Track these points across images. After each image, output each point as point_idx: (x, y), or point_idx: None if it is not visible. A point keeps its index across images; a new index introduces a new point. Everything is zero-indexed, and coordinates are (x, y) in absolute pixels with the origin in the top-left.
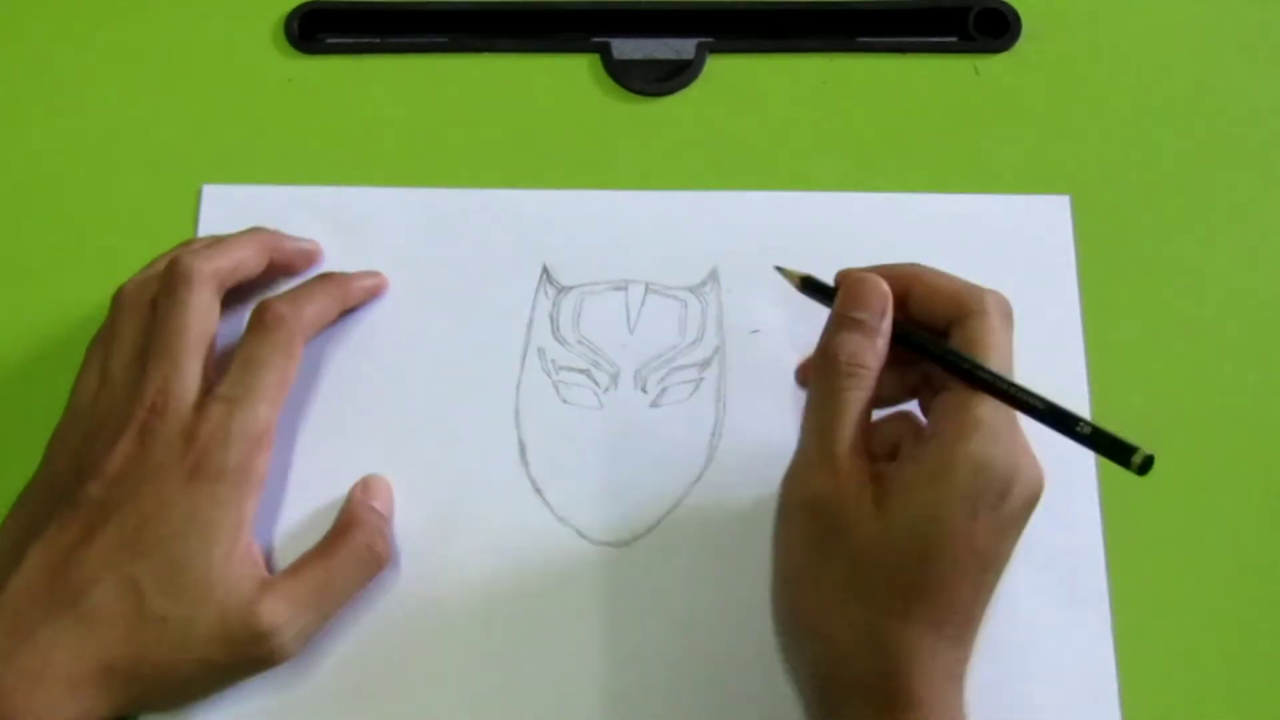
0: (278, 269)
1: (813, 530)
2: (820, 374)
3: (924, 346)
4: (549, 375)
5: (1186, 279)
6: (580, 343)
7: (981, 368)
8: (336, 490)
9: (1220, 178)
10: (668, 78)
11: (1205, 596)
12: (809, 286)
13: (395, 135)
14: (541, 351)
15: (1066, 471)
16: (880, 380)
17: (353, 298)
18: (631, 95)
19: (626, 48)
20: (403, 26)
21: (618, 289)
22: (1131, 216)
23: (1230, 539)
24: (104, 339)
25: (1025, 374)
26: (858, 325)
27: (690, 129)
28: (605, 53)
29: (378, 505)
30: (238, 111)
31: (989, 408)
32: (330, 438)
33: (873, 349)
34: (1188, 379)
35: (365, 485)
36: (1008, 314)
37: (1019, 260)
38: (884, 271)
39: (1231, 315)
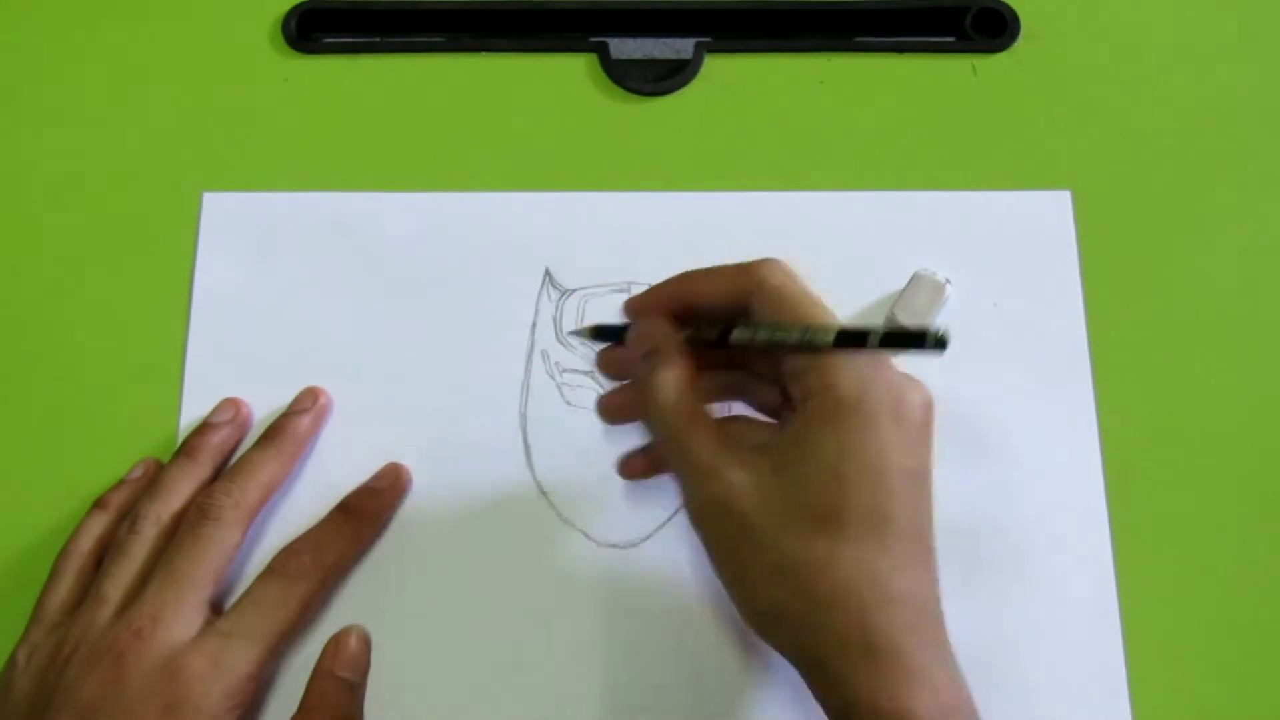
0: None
1: (730, 530)
2: (653, 415)
3: (766, 342)
4: (553, 378)
5: (1188, 272)
6: (584, 345)
7: (773, 333)
8: (343, 493)
9: (1219, 173)
10: (665, 77)
11: (1213, 589)
12: (600, 334)
13: (392, 134)
14: (545, 354)
15: (1073, 467)
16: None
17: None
18: (629, 95)
19: (624, 47)
20: (400, 26)
21: (620, 291)
22: (1132, 212)
23: (1237, 530)
24: (89, 552)
25: (1029, 368)
26: (654, 355)
27: (688, 128)
28: (603, 52)
29: (346, 672)
30: (235, 112)
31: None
32: (336, 442)
33: (674, 368)
34: (1191, 372)
35: (336, 648)
36: (784, 267)
37: (1021, 256)
38: (658, 292)
39: (1234, 308)
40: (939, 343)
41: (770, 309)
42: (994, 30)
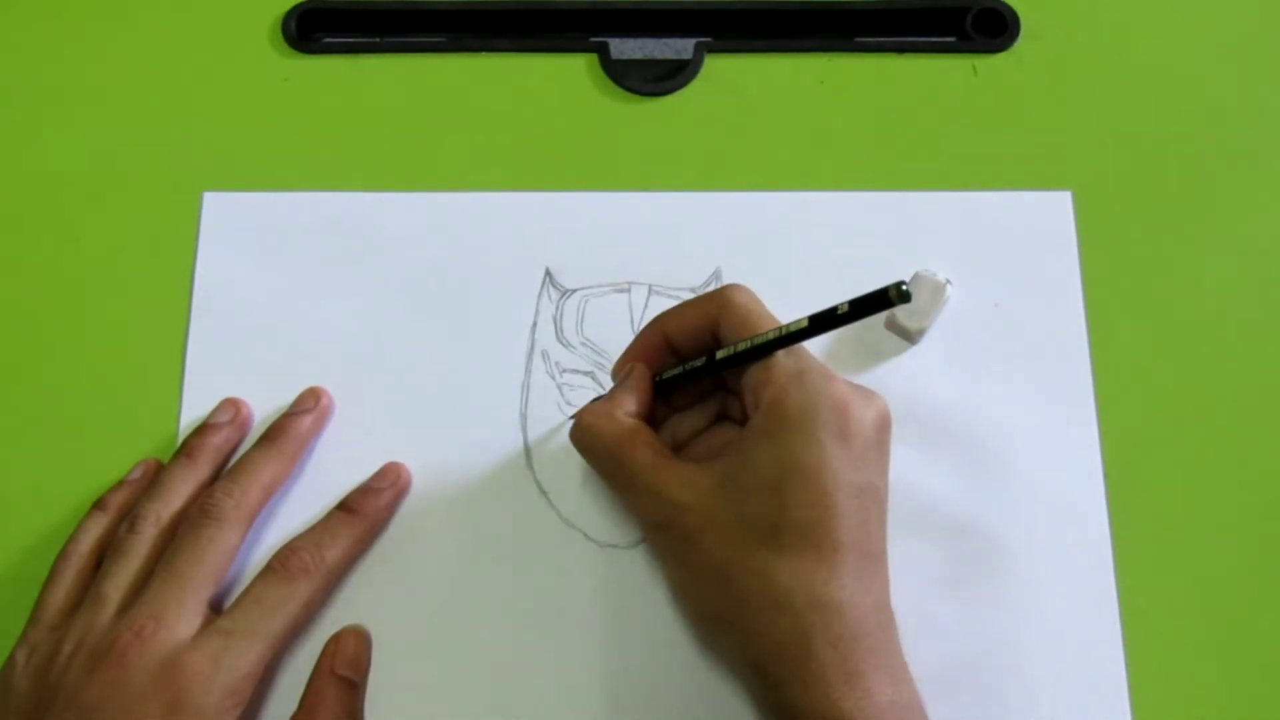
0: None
1: (676, 542)
2: (590, 449)
3: (704, 367)
4: (553, 378)
5: (1188, 273)
6: (584, 345)
7: (751, 340)
8: (344, 492)
9: (1219, 173)
10: (666, 77)
11: (1213, 588)
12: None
13: (392, 135)
14: (546, 354)
15: (1073, 468)
16: (683, 421)
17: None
18: (629, 95)
19: (624, 47)
20: (400, 26)
21: (621, 291)
22: (1133, 212)
23: (1237, 530)
24: (88, 553)
25: (1030, 370)
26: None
27: (688, 129)
28: (603, 52)
29: (346, 671)
30: (235, 112)
31: (786, 362)
32: (336, 442)
33: (610, 400)
34: (1191, 372)
35: (336, 647)
36: (746, 290)
37: (1022, 256)
38: (634, 344)
39: (1233, 308)
40: (901, 296)
41: (739, 326)
42: (994, 30)
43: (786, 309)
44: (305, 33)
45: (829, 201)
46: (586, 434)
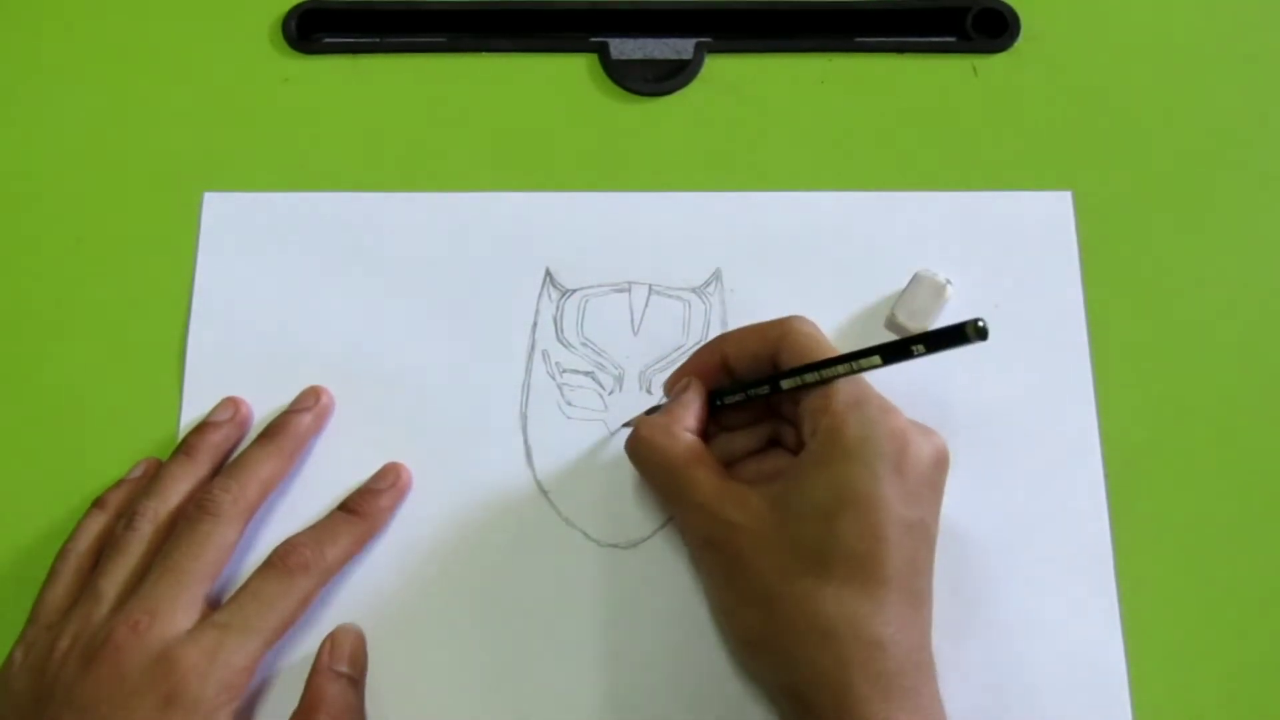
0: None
1: (725, 562)
2: (649, 461)
3: (766, 388)
4: (553, 378)
5: (1189, 273)
6: (584, 345)
7: (816, 363)
8: (343, 491)
9: (1219, 173)
10: (666, 77)
11: (1213, 589)
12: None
13: (392, 135)
14: (546, 354)
15: (1073, 469)
16: (734, 441)
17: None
18: (629, 95)
19: (625, 47)
20: (400, 26)
21: (621, 291)
22: (1133, 213)
23: (1238, 530)
24: (87, 551)
25: (1029, 369)
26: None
27: (688, 129)
28: (603, 52)
29: (344, 667)
30: (235, 112)
31: (845, 390)
32: (337, 442)
33: (668, 413)
34: (1191, 372)
35: (333, 644)
36: (809, 321)
37: (1022, 257)
38: (692, 359)
39: (1234, 308)
40: (979, 333)
41: (800, 355)
42: (994, 30)
43: (787, 309)
44: (305, 33)
45: (829, 201)
46: (644, 447)
